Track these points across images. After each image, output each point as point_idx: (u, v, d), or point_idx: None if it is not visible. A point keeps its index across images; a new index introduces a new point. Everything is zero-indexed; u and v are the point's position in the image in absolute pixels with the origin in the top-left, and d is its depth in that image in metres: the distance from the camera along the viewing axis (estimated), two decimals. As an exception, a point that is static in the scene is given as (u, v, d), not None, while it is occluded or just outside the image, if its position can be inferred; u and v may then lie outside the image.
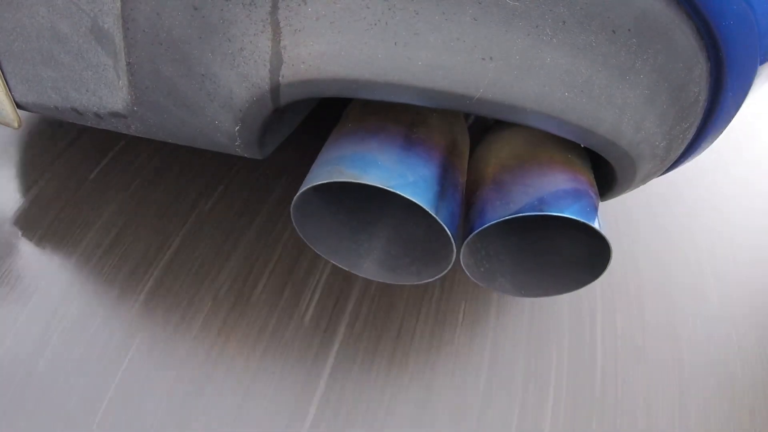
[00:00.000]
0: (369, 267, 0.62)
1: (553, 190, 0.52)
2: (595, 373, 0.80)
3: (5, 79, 0.56)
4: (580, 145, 0.59)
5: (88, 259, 0.79)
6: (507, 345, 0.81)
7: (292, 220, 0.55)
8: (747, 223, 1.13)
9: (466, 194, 0.61)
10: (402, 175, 0.48)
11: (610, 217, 1.07)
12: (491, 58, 0.40)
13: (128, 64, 0.47)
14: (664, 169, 0.60)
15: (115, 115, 0.52)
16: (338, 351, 0.75)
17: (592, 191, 0.54)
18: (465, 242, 0.55)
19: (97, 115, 0.53)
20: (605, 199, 0.67)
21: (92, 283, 0.76)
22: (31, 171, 0.90)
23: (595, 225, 0.49)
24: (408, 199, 0.46)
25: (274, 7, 0.41)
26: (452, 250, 0.52)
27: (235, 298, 0.78)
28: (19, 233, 0.81)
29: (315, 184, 0.49)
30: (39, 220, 0.83)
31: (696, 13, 0.41)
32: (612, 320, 0.88)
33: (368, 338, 0.78)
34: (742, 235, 1.10)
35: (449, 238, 0.49)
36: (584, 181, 0.54)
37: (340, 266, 0.62)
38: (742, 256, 1.05)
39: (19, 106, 0.58)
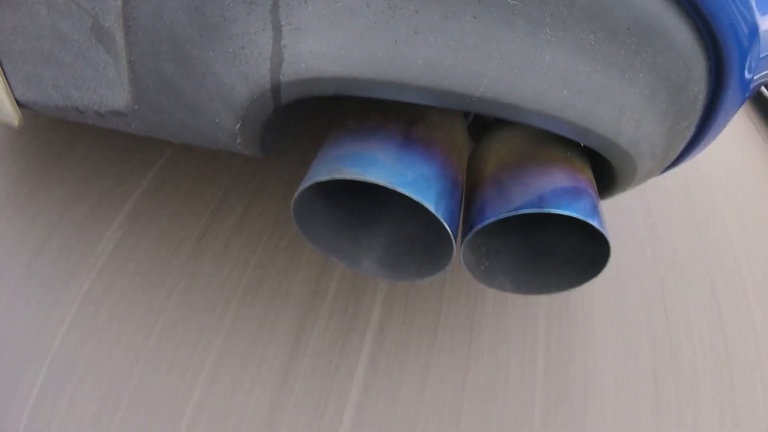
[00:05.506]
0: (369, 265, 0.62)
1: (553, 188, 0.52)
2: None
3: (6, 78, 0.56)
4: (579, 143, 0.59)
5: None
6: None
7: (293, 218, 0.55)
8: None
9: (466, 192, 0.61)
10: (401, 172, 0.48)
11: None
12: (491, 57, 0.40)
13: (129, 62, 0.47)
14: (664, 167, 0.60)
15: (116, 113, 0.52)
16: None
17: (592, 189, 0.54)
18: (465, 240, 0.55)
19: (97, 113, 0.53)
20: (605, 198, 0.67)
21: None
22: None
23: (595, 222, 0.49)
24: (408, 197, 0.46)
25: (275, 6, 0.41)
26: (452, 248, 0.52)
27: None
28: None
29: (315, 181, 0.49)
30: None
31: (696, 12, 0.41)
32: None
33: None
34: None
35: (449, 235, 0.50)
36: (584, 179, 0.55)
37: (340, 264, 0.62)
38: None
39: (19, 104, 0.58)
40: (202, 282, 0.80)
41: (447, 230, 0.49)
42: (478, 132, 0.75)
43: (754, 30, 0.43)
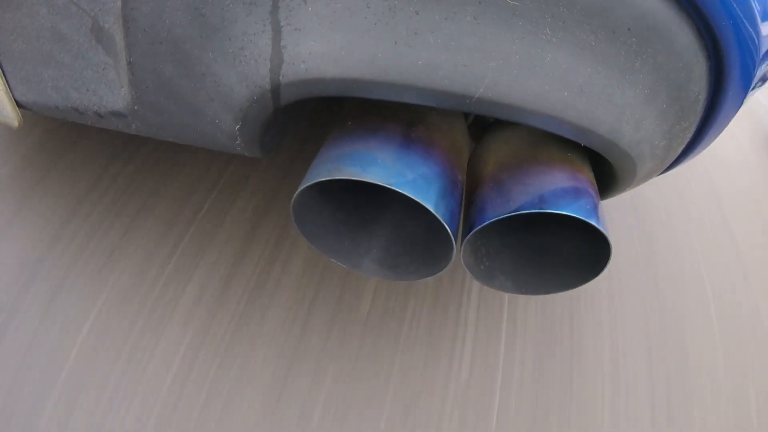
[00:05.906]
0: (369, 265, 0.62)
1: (553, 189, 0.52)
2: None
3: (5, 79, 0.56)
4: (580, 143, 0.59)
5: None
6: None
7: (292, 218, 0.55)
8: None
9: (466, 193, 0.61)
10: (401, 173, 0.48)
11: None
12: (491, 58, 0.40)
13: (129, 63, 0.47)
14: (665, 167, 0.60)
15: (115, 114, 0.52)
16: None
17: (592, 189, 0.54)
18: (465, 240, 0.55)
19: (97, 114, 0.53)
20: (606, 198, 0.67)
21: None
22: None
23: (595, 222, 0.49)
24: (407, 197, 0.46)
25: (275, 7, 0.41)
26: (452, 248, 0.52)
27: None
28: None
29: (315, 181, 0.49)
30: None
31: (696, 12, 0.41)
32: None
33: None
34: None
35: (449, 235, 0.50)
36: (584, 179, 0.54)
37: (340, 264, 0.62)
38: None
39: (19, 105, 0.58)
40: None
41: (447, 230, 0.49)
42: (478, 132, 0.75)
43: (754, 30, 0.43)
